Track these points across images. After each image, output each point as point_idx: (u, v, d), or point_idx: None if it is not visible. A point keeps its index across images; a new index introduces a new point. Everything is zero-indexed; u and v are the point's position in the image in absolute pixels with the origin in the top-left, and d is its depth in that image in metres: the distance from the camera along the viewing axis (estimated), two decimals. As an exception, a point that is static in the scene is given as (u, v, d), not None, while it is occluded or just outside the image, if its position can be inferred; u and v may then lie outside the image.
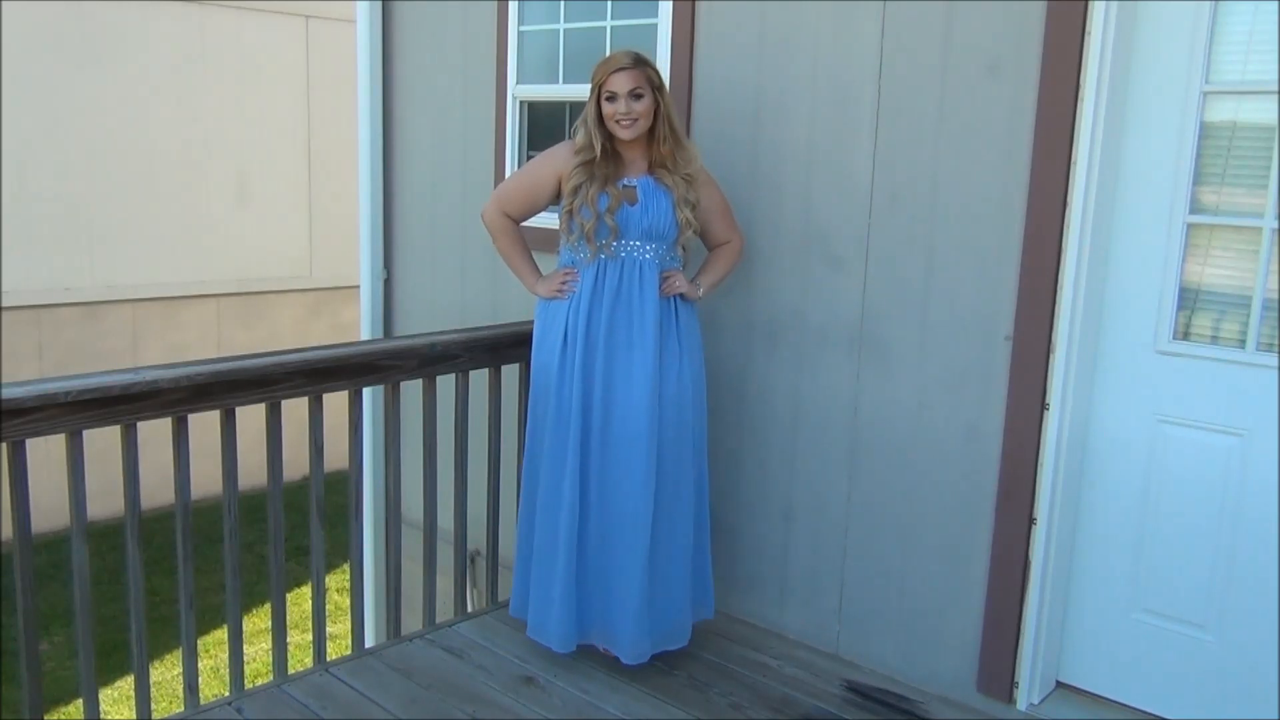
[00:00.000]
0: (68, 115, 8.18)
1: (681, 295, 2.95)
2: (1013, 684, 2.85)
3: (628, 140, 2.86)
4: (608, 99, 2.84)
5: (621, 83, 2.81)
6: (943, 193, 2.84)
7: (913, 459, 2.97)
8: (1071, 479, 2.80)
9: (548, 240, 3.12)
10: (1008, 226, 2.73)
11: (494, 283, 4.14)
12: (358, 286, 4.65)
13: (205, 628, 6.32)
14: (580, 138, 2.88)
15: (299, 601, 6.64)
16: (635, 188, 2.89)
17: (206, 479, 3.04)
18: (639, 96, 2.82)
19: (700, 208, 2.96)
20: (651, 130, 2.88)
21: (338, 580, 7.08)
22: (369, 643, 3.39)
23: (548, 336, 2.97)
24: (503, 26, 3.93)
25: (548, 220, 3.25)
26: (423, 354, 3.11)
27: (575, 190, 2.87)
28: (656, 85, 2.85)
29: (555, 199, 2.98)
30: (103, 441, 2.66)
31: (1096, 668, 2.88)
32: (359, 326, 4.70)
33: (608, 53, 3.63)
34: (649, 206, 2.88)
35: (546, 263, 3.84)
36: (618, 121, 2.83)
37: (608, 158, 2.88)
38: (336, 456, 3.00)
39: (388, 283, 4.59)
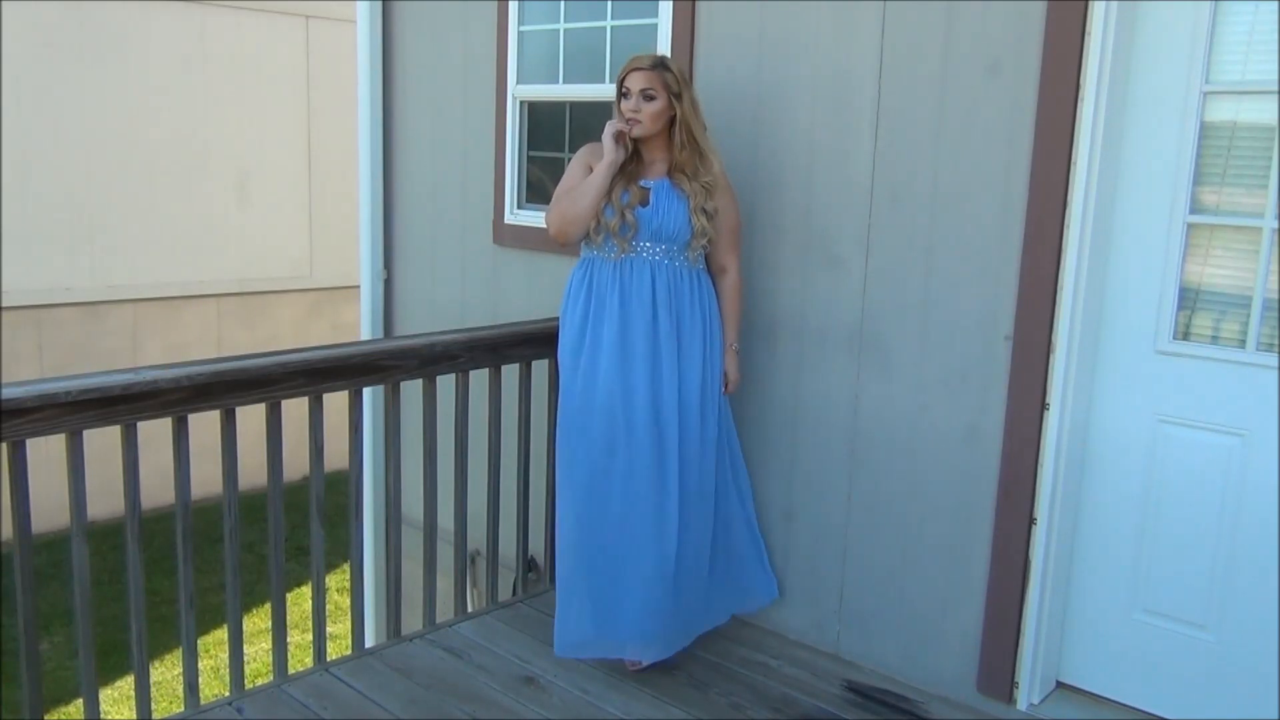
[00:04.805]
0: (68, 115, 8.18)
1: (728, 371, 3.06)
2: (1013, 684, 2.85)
3: (637, 138, 2.90)
4: (623, 95, 2.89)
5: (635, 81, 2.87)
6: (943, 193, 2.84)
7: (913, 459, 2.97)
8: (1071, 479, 2.80)
9: (549, 240, 3.11)
10: (1008, 226, 2.73)
11: (494, 283, 4.14)
12: (358, 286, 4.65)
13: (205, 628, 6.32)
14: (607, 143, 2.90)
15: (299, 601, 6.64)
16: (649, 190, 2.92)
17: (206, 479, 3.04)
18: (650, 98, 2.86)
19: (715, 218, 2.96)
20: (673, 135, 2.91)
21: (338, 580, 7.08)
22: (369, 643, 3.38)
23: (568, 340, 3.00)
24: (503, 26, 3.93)
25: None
26: (423, 354, 3.11)
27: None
28: (674, 91, 2.87)
29: None
30: (103, 441, 2.66)
31: (1096, 668, 2.88)
32: (359, 326, 4.70)
33: (607, 53, 3.65)
34: (659, 208, 2.90)
35: (552, 261, 3.85)
36: (625, 119, 2.87)
37: (629, 156, 2.93)
38: (336, 456, 3.00)
39: (388, 283, 4.59)
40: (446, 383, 3.19)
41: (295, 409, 2.85)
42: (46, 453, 2.70)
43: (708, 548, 3.04)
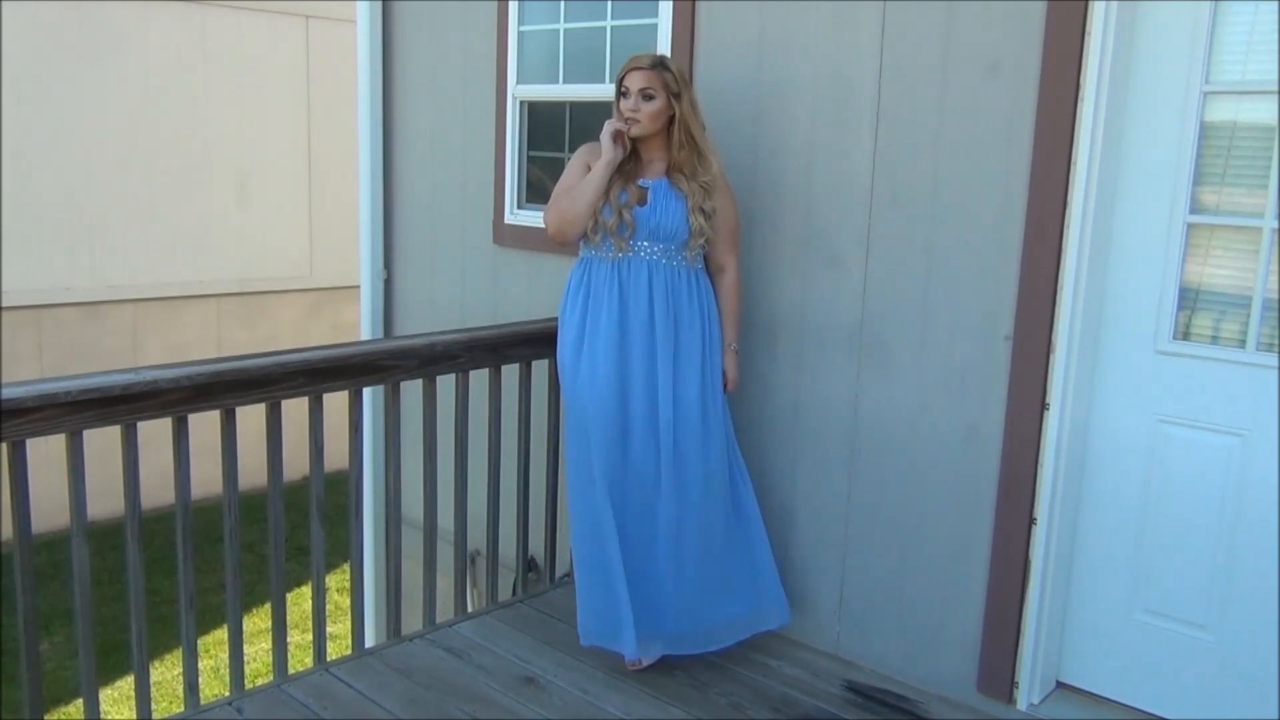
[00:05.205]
0: (68, 115, 8.18)
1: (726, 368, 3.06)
2: (1013, 684, 2.85)
3: (636, 137, 2.92)
4: (622, 94, 2.91)
5: (635, 81, 2.89)
6: (943, 192, 2.84)
7: (913, 459, 2.97)
8: (1071, 479, 2.80)
9: (549, 240, 3.11)
10: (1008, 226, 2.73)
11: (494, 283, 4.14)
12: (358, 286, 4.65)
13: (205, 628, 6.32)
14: (605, 142, 2.91)
15: (299, 601, 6.64)
16: (647, 189, 2.93)
17: (206, 479, 3.04)
18: (649, 98, 2.87)
19: (713, 218, 2.97)
20: (671, 134, 2.91)
21: (338, 580, 7.08)
22: (369, 643, 3.38)
23: (566, 338, 3.02)
24: (503, 26, 3.93)
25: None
26: (423, 354, 3.11)
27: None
28: (673, 91, 2.88)
29: None
30: (103, 441, 2.66)
31: (1096, 668, 2.88)
32: (359, 326, 4.70)
33: (607, 53, 3.66)
34: (657, 207, 2.91)
35: (552, 261, 3.85)
36: (624, 118, 2.88)
37: (628, 155, 2.94)
38: (336, 456, 3.00)
39: (388, 283, 4.59)
40: (446, 383, 3.19)
41: (295, 409, 2.85)
42: (46, 453, 2.71)
43: (718, 551, 3.01)
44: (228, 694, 2.89)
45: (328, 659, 3.04)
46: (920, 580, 2.99)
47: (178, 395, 2.57)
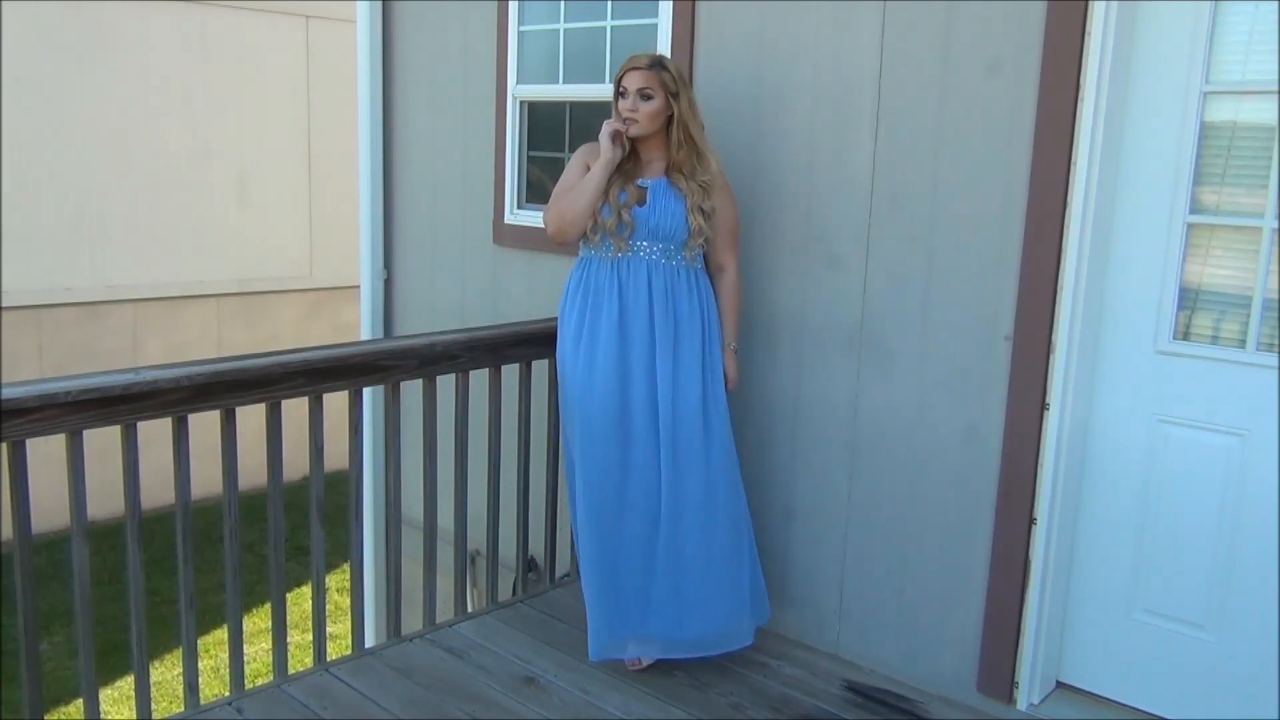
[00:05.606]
0: (68, 115, 8.18)
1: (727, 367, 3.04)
2: (1013, 684, 2.85)
3: (635, 137, 2.92)
4: (620, 94, 2.91)
5: (632, 81, 2.89)
6: (943, 193, 2.84)
7: (913, 459, 2.97)
8: (1071, 479, 2.80)
9: (549, 240, 3.12)
10: (1008, 226, 2.73)
11: (494, 283, 4.14)
12: (358, 286, 4.65)
13: (205, 628, 6.32)
14: (604, 142, 2.91)
15: (299, 601, 6.64)
16: (645, 189, 2.93)
17: (206, 479, 3.04)
18: (648, 97, 2.87)
19: (712, 218, 2.96)
20: (670, 134, 2.91)
21: (338, 580, 7.08)
22: (369, 643, 3.38)
23: (565, 338, 3.02)
24: (503, 26, 3.93)
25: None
26: (423, 354, 3.11)
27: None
28: (671, 90, 2.88)
29: None
30: (103, 441, 2.66)
31: (1096, 668, 2.88)
32: (359, 326, 4.70)
33: (607, 53, 3.66)
34: (656, 207, 2.91)
35: (552, 261, 3.85)
36: (623, 118, 2.89)
37: (627, 155, 2.95)
38: (336, 456, 3.00)
39: (388, 283, 4.59)
40: (446, 383, 3.19)
41: (295, 409, 2.85)
42: (46, 453, 2.71)
43: (721, 554, 2.98)
44: (228, 694, 2.89)
45: (328, 659, 3.04)
46: (920, 580, 3.00)
47: (178, 395, 2.57)
